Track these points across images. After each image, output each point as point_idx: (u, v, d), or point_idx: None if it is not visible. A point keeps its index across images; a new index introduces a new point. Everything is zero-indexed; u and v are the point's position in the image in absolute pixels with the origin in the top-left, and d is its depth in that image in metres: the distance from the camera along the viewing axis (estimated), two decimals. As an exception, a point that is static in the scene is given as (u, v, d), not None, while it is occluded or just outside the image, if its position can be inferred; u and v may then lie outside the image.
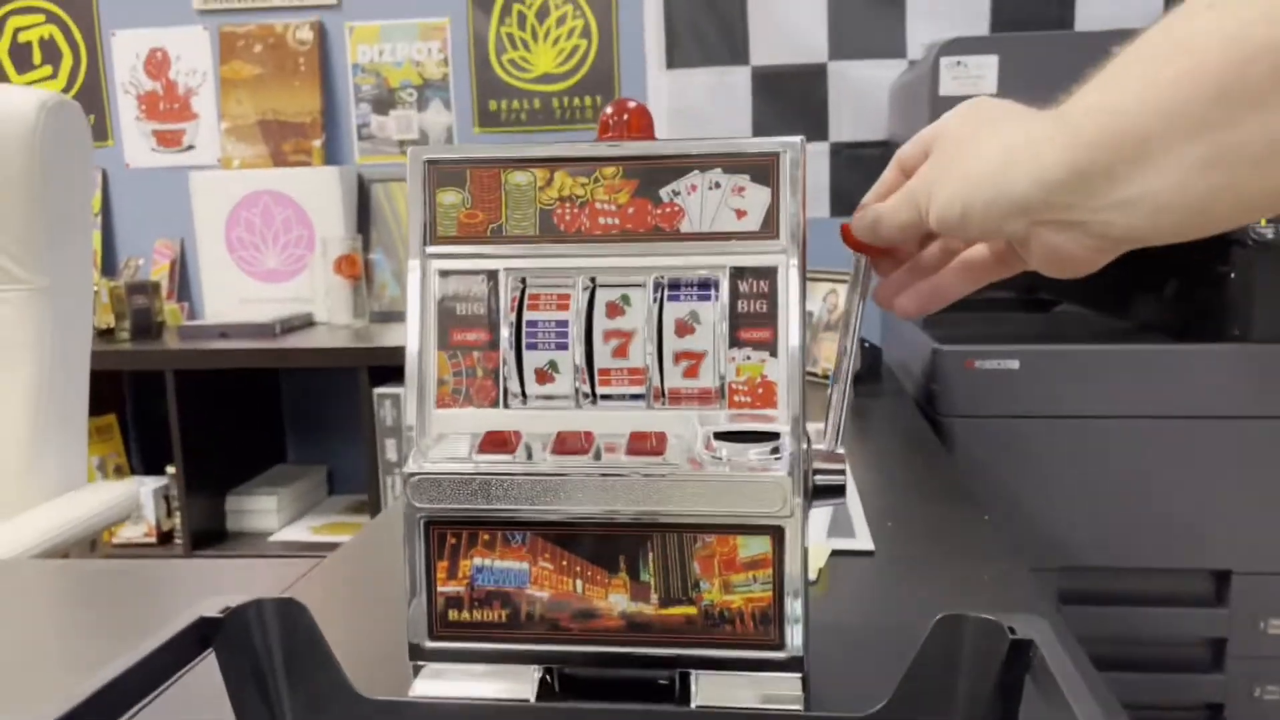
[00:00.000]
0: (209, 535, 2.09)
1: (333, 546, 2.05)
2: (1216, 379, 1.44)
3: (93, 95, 2.29)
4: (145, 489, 2.10)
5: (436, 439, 0.53)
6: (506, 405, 0.54)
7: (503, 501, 0.51)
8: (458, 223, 0.54)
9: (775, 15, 2.11)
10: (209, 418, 2.04)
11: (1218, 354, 1.44)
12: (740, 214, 0.52)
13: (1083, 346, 1.48)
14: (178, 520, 2.04)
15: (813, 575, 0.73)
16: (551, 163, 0.53)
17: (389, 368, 1.93)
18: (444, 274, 0.54)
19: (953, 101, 1.44)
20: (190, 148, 2.30)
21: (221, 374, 2.00)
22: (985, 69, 1.51)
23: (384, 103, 2.25)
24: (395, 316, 2.22)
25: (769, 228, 0.52)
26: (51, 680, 0.65)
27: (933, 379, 1.50)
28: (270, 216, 2.20)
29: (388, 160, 2.27)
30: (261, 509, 2.12)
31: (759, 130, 2.15)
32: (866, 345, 1.58)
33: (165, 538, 2.11)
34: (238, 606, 0.49)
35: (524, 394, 0.54)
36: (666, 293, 0.53)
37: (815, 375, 1.52)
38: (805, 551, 0.51)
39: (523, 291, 0.54)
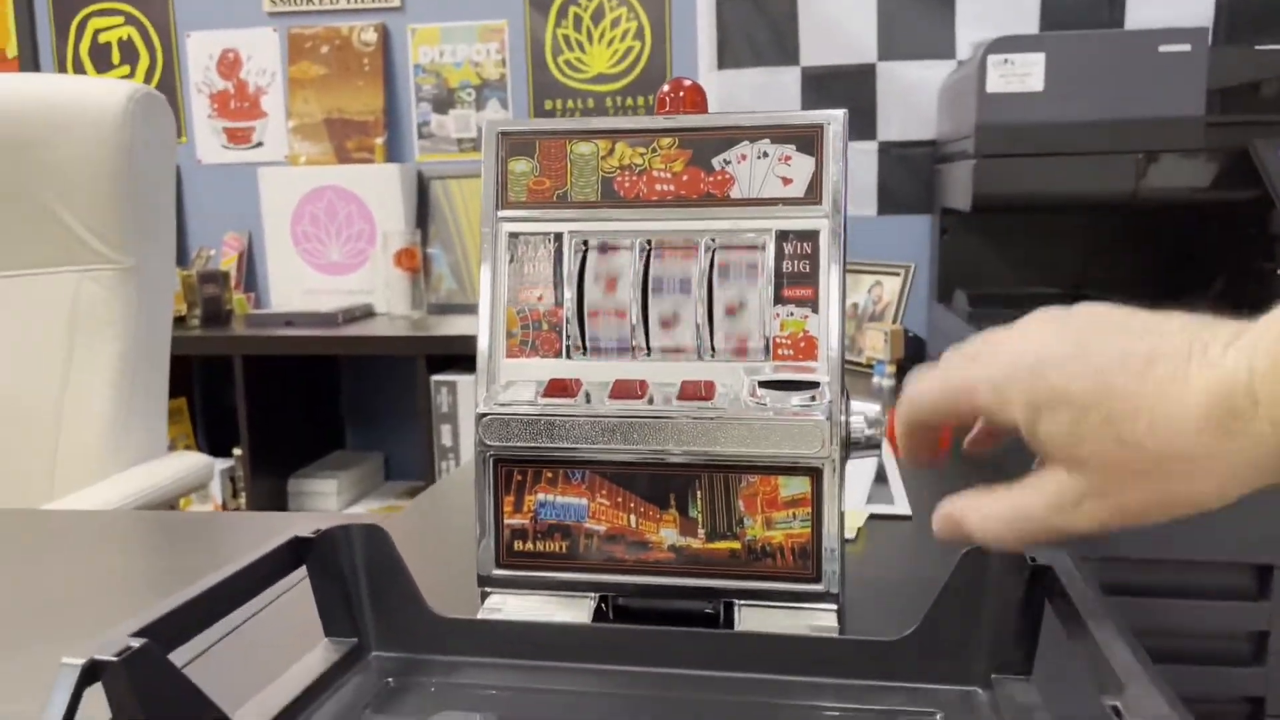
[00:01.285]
0: (271, 516, 2.17)
1: (388, 529, 2.12)
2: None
3: (168, 94, 2.38)
4: (212, 470, 2.18)
5: (505, 385, 0.58)
6: (569, 356, 0.59)
7: (564, 441, 0.56)
8: (527, 189, 0.60)
9: (825, 17, 2.14)
10: (273, 403, 2.13)
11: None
12: (786, 181, 0.57)
13: (1127, 340, 1.49)
14: (243, 500, 2.12)
15: (851, 534, 0.77)
16: (613, 134, 0.58)
17: (446, 356, 2.00)
18: (514, 236, 0.60)
19: (1000, 99, 1.46)
20: (259, 144, 2.40)
21: (286, 360, 2.08)
22: (1033, 66, 1.54)
23: (444, 102, 2.33)
24: (452, 309, 2.29)
25: (813, 193, 0.57)
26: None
27: (976, 370, 1.52)
28: (334, 211, 2.28)
29: (446, 158, 2.34)
30: (322, 491, 2.21)
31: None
32: (911, 335, 1.61)
33: (230, 518, 2.19)
34: (328, 529, 0.55)
35: (585, 347, 0.59)
36: (717, 254, 0.58)
37: (859, 364, 1.56)
38: (842, 490, 0.55)
39: (585, 252, 0.59)
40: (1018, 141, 1.55)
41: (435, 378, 1.99)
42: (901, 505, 0.83)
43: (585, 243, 0.59)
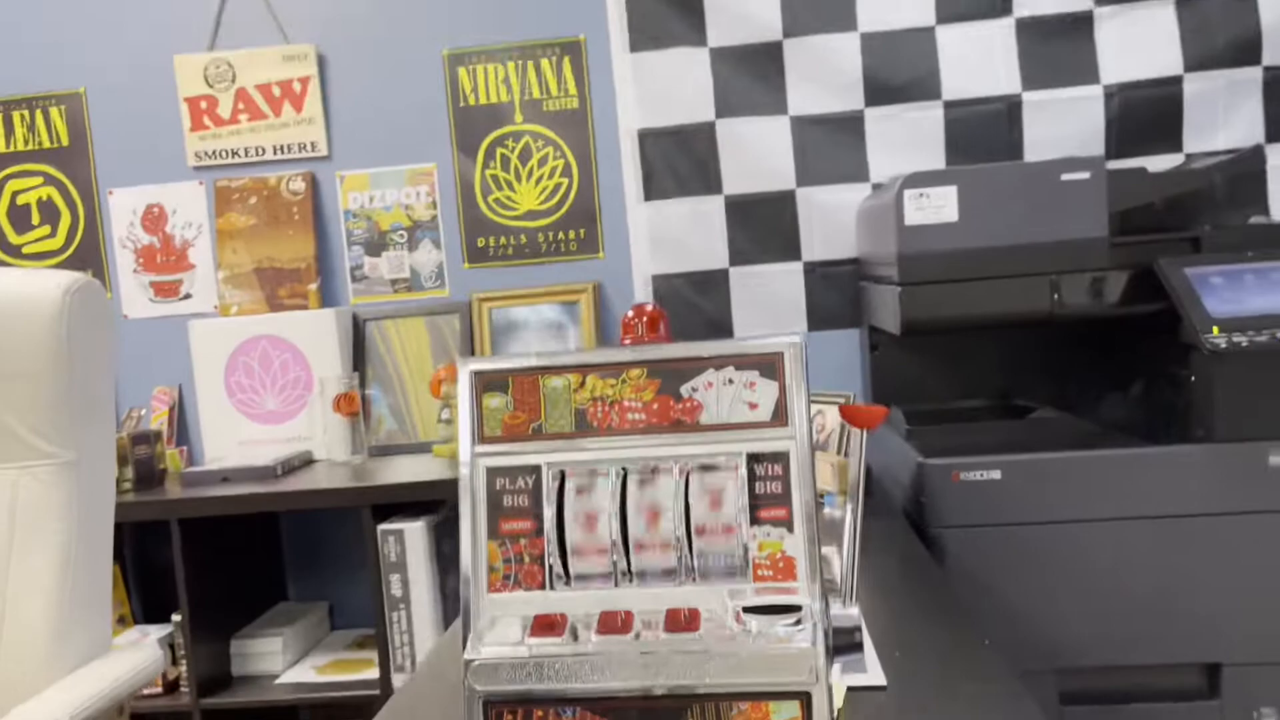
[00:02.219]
0: (215, 681, 2.09)
1: (338, 686, 2.05)
2: (1186, 479, 1.51)
3: (90, 252, 2.38)
4: (150, 638, 2.10)
5: (490, 623, 0.59)
6: (553, 587, 0.60)
7: (554, 681, 0.56)
8: (502, 424, 0.61)
9: (745, 148, 2.23)
10: (212, 563, 2.07)
11: (1185, 455, 1.52)
12: (753, 406, 0.59)
13: (1060, 454, 1.55)
14: (184, 668, 2.04)
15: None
16: (584, 368, 0.61)
17: (390, 505, 1.97)
18: (491, 470, 0.61)
19: (918, 230, 1.55)
20: (188, 296, 2.38)
21: (224, 519, 2.03)
22: (946, 198, 1.62)
23: (375, 245, 2.35)
24: (393, 450, 2.27)
25: (779, 417, 0.59)
26: None
27: (921, 492, 1.57)
28: (268, 360, 2.26)
29: (381, 299, 2.35)
30: (266, 651, 2.13)
31: (734, 253, 2.25)
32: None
33: (171, 686, 2.10)
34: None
35: (568, 576, 0.60)
36: (692, 477, 0.60)
37: (809, 495, 1.58)
38: (831, 704, 0.56)
39: (562, 482, 0.61)
40: (938, 269, 1.63)
41: (382, 527, 1.95)
42: (875, 673, 0.85)
43: (563, 473, 0.61)
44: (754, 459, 0.59)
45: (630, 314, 0.62)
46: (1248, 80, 2.09)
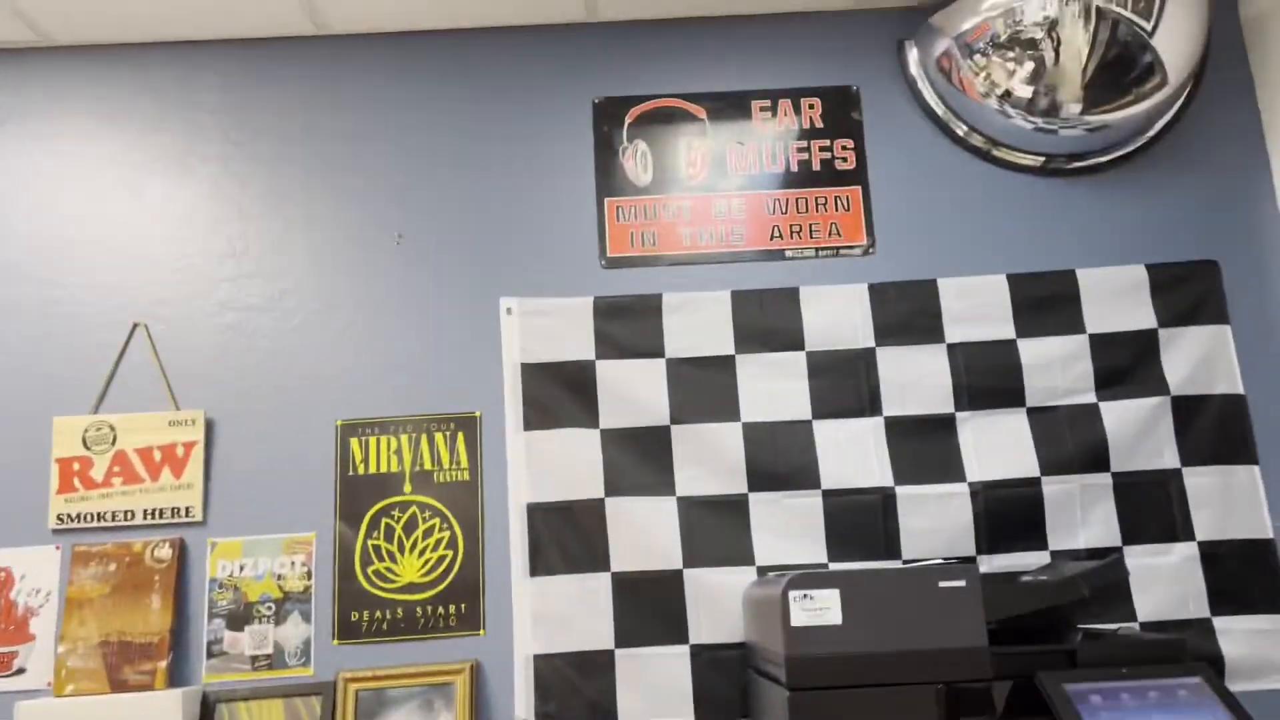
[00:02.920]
0: None
1: None
2: None
3: (-83, 616, 2.17)
4: None
5: None
6: None
7: None
8: None
9: (633, 527, 2.25)
10: None
11: None
12: None
13: None
14: None
15: None
16: None
17: None
18: None
19: (805, 632, 1.52)
20: (20, 671, 2.15)
21: None
22: (829, 601, 1.63)
23: (239, 618, 2.21)
24: None
25: None
26: None
27: None
28: (98, 749, 2.02)
29: (238, 678, 2.17)
30: None
31: (620, 633, 2.19)
32: None
33: None
34: None
35: None
36: None
37: None
38: None
39: None
40: (826, 674, 1.60)
41: None
42: None
43: None
44: None
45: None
46: (1099, 485, 2.24)
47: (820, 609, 1.62)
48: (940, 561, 1.84)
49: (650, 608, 2.21)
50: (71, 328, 2.34)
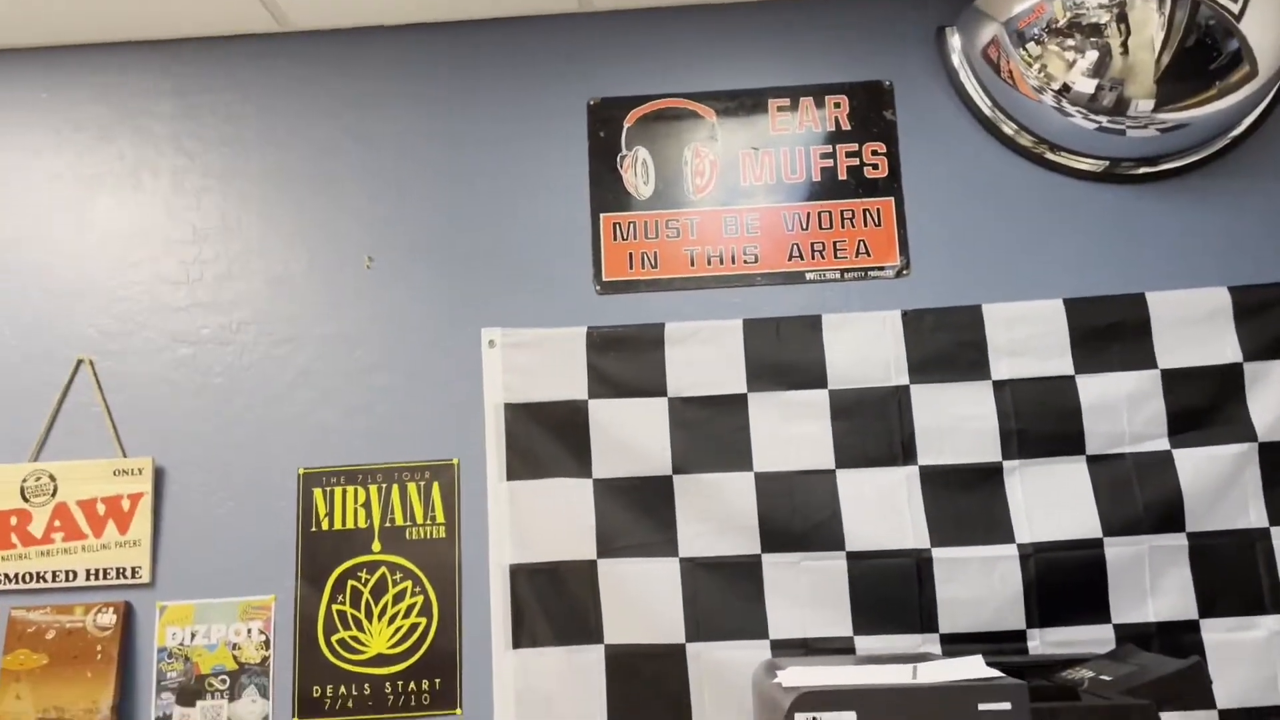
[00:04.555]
0: None
1: None
2: None
3: None
4: None
5: None
6: None
7: None
8: None
9: (628, 593, 1.98)
10: None
11: None
12: None
13: None
14: None
15: None
16: None
17: None
18: None
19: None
20: (-51, 750, 1.95)
21: None
22: (844, 726, 1.35)
23: (190, 692, 1.98)
24: None
25: None
26: None
27: None
28: (26, 847, 1.81)
29: (188, 760, 1.95)
30: None
31: (615, 719, 1.93)
32: None
33: None
34: None
35: None
36: None
37: None
38: None
39: None
40: (839, 819, 1.32)
41: None
42: None
43: None
44: None
45: None
46: (1172, 546, 1.92)
47: (832, 737, 1.34)
48: (979, 659, 1.54)
49: (648, 688, 1.94)
50: (8, 364, 2.11)
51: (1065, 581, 1.91)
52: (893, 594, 1.93)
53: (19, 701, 1.95)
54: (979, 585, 1.91)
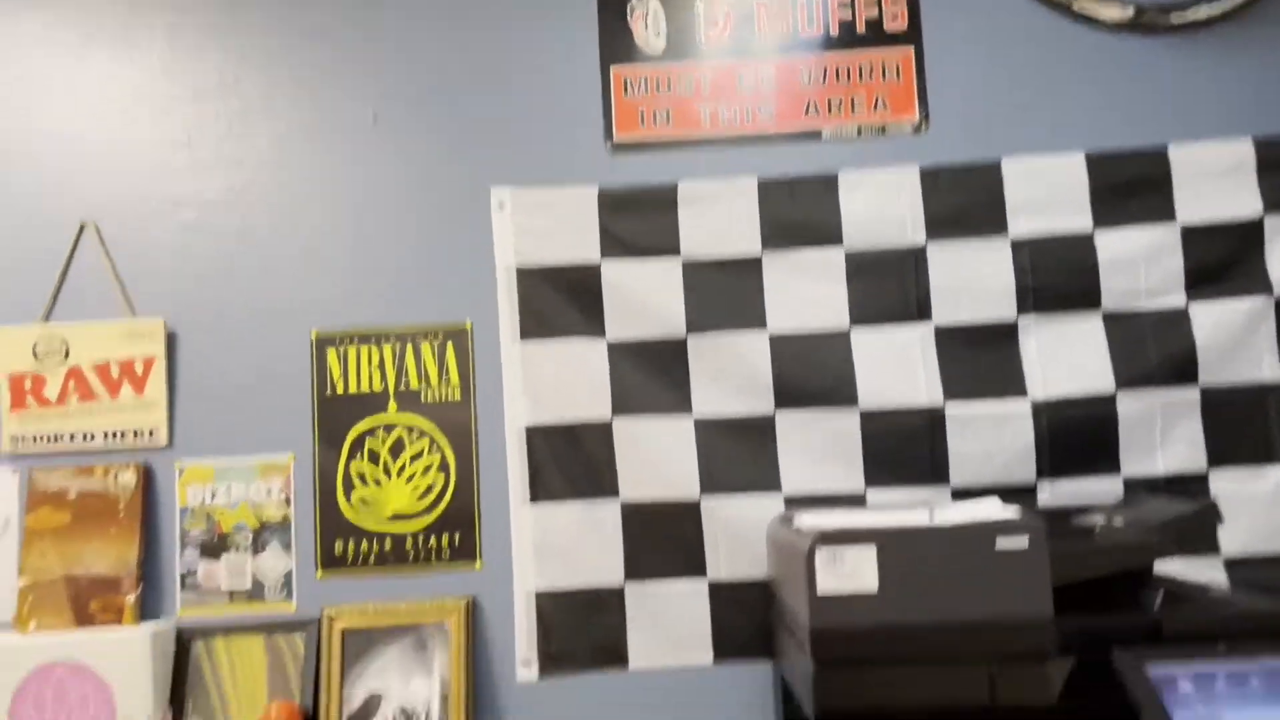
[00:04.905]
0: None
1: None
2: None
3: (-128, 545, 2.00)
4: None
5: None
6: None
7: None
8: None
9: (644, 451, 1.99)
10: None
11: None
12: None
13: None
14: None
15: None
16: None
17: None
18: None
19: (832, 602, 1.25)
20: (-20, 607, 2.00)
21: None
22: (863, 563, 1.37)
23: (214, 547, 2.01)
24: (208, 809, 1.86)
25: None
26: None
27: None
28: (64, 693, 1.86)
29: (215, 612, 1.99)
30: None
31: (630, 567, 1.97)
32: None
33: None
34: None
35: None
36: None
37: None
38: None
39: None
40: (857, 648, 1.36)
41: None
42: None
43: None
44: None
45: None
46: (1184, 400, 1.93)
47: (852, 572, 1.37)
48: (995, 500, 1.56)
49: (664, 540, 1.98)
50: (13, 228, 2.08)
51: (1076, 435, 1.92)
52: (905, 449, 1.95)
53: (44, 558, 1.98)
54: (990, 440, 1.93)
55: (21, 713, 1.87)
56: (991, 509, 1.49)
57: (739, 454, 1.99)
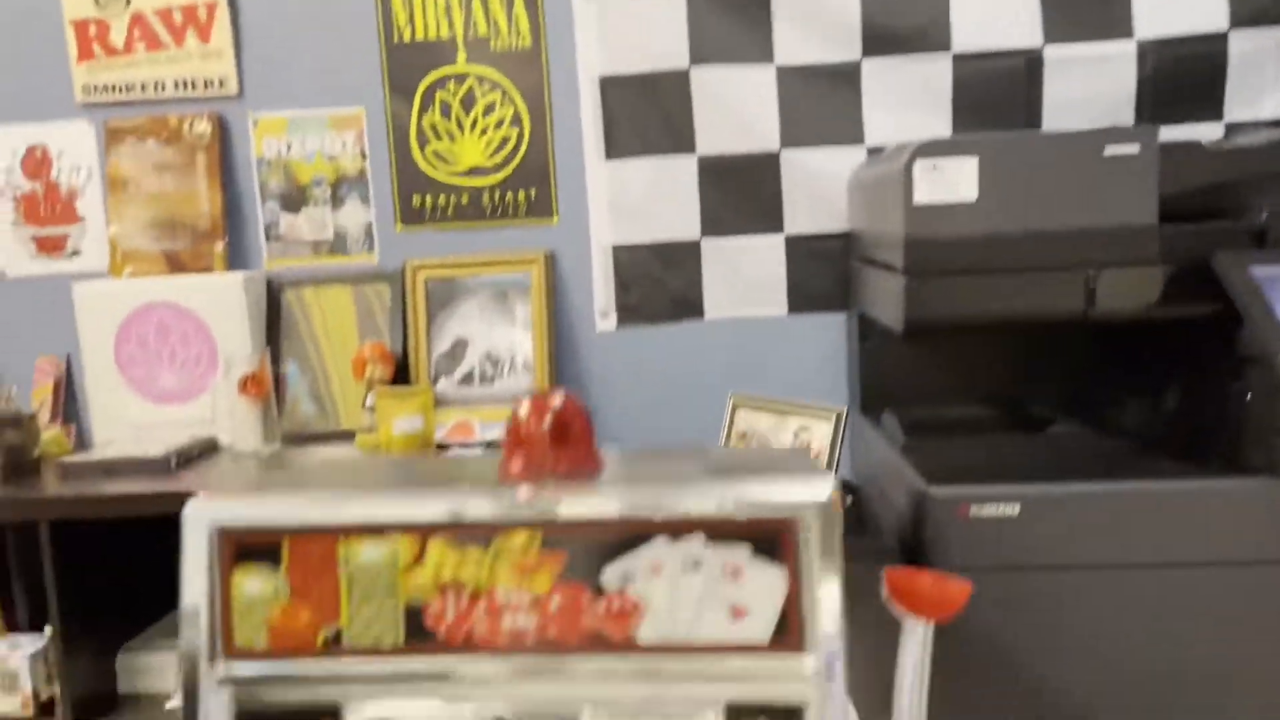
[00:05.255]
0: (98, 701, 1.81)
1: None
2: (1243, 519, 1.26)
3: (-38, 197, 2.04)
4: (21, 653, 1.81)
5: None
6: None
7: None
8: (268, 626, 0.33)
9: (722, 101, 1.93)
10: (92, 566, 1.78)
11: (1243, 490, 1.27)
12: (738, 612, 0.32)
13: (1090, 487, 1.30)
14: (57, 689, 1.76)
15: None
16: (422, 529, 0.32)
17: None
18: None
19: (929, 212, 1.25)
20: (75, 253, 2.05)
21: (107, 521, 1.73)
22: (963, 173, 1.34)
23: (294, 200, 2.03)
24: (310, 438, 1.98)
25: (787, 636, 0.31)
26: None
27: (923, 527, 1.31)
28: (166, 331, 1.95)
29: (300, 263, 2.04)
30: (157, 666, 1.85)
31: (707, 221, 1.97)
32: (850, 487, 1.39)
33: (46, 708, 1.82)
34: None
35: None
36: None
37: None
38: None
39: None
40: (951, 259, 1.36)
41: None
42: None
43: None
44: (736, 715, 0.32)
45: (523, 412, 0.34)
46: (1302, 40, 1.82)
47: (952, 182, 1.34)
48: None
49: (741, 194, 1.96)
50: None
51: (1181, 77, 1.82)
52: (998, 94, 1.86)
53: (131, 206, 2.01)
54: (1090, 82, 1.83)
55: (125, 349, 1.97)
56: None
57: (822, 103, 1.92)
